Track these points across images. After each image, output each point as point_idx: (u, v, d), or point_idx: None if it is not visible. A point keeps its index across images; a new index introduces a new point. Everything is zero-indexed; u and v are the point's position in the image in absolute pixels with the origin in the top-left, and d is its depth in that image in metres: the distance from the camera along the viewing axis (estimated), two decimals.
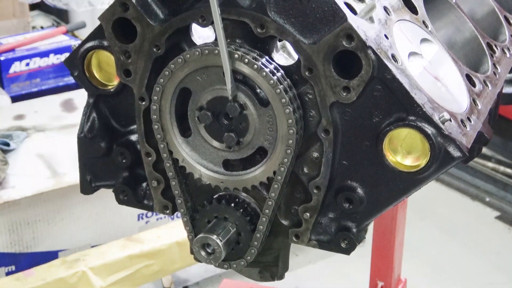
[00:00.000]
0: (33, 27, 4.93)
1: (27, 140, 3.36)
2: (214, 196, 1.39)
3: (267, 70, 1.25)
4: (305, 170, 1.33)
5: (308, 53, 1.23)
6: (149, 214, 3.46)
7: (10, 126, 3.48)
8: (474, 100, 1.42)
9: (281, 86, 1.24)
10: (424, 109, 1.21)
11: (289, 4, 1.23)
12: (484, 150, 4.44)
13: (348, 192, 1.30)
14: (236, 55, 1.25)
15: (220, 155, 1.35)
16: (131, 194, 1.47)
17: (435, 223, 4.24)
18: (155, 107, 1.34)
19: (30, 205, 3.04)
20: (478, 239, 4.11)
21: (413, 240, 3.57)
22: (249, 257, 1.39)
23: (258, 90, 1.28)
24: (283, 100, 1.24)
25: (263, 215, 1.35)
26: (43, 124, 3.51)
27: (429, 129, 1.21)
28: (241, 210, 1.37)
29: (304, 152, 1.32)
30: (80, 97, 3.74)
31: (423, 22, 1.50)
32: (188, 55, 1.28)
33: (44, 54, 4.04)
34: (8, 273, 3.15)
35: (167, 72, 1.30)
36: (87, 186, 1.50)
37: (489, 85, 1.54)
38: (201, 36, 1.37)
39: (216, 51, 1.25)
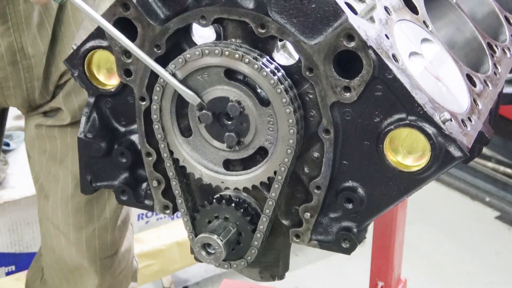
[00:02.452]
0: None
1: None
2: (215, 196, 1.39)
3: (268, 70, 1.25)
4: (306, 170, 1.33)
5: (309, 53, 1.23)
6: (149, 214, 3.46)
7: (10, 126, 3.48)
8: (474, 100, 1.42)
9: (282, 86, 1.24)
10: (425, 109, 1.21)
11: (290, 4, 1.23)
12: (484, 150, 4.44)
13: (349, 192, 1.30)
14: (237, 55, 1.25)
15: (221, 155, 1.35)
16: (132, 194, 1.47)
17: (435, 223, 4.24)
18: (155, 107, 1.34)
19: (30, 205, 3.03)
20: (478, 239, 4.11)
21: (413, 240, 3.57)
22: (249, 257, 1.39)
23: (259, 90, 1.28)
24: (284, 100, 1.25)
25: (264, 215, 1.36)
26: None
27: (430, 129, 1.21)
28: (242, 210, 1.37)
29: (304, 152, 1.32)
30: None
31: (424, 22, 1.50)
32: (189, 55, 1.28)
33: None
34: (8, 273, 3.15)
35: (168, 72, 1.30)
36: (88, 186, 1.50)
37: (490, 85, 1.54)
38: (202, 36, 1.38)
39: (217, 51, 1.25)
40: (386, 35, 1.28)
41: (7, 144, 3.28)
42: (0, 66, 1.88)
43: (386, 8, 1.37)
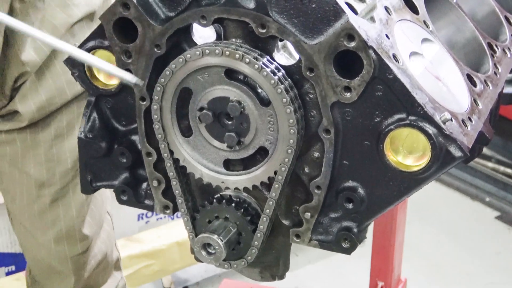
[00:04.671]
0: None
1: None
2: (215, 196, 1.39)
3: (268, 70, 1.25)
4: (306, 170, 1.33)
5: (309, 53, 1.23)
6: (149, 214, 3.47)
7: None
8: (475, 100, 1.42)
9: (282, 86, 1.24)
10: (425, 109, 1.21)
11: (290, 4, 1.23)
12: (484, 150, 4.44)
13: (349, 192, 1.30)
14: (237, 55, 1.25)
15: (221, 155, 1.35)
16: (132, 194, 1.47)
17: (435, 223, 4.24)
18: (156, 107, 1.34)
19: None
20: (478, 239, 4.11)
21: (413, 240, 3.58)
22: (249, 257, 1.39)
23: (259, 90, 1.28)
24: (284, 100, 1.25)
25: (264, 215, 1.35)
26: None
27: (430, 129, 1.21)
28: (242, 210, 1.37)
29: (305, 152, 1.32)
30: None
31: (424, 22, 1.50)
32: (189, 55, 1.28)
33: None
34: (8, 273, 3.15)
35: (168, 72, 1.30)
36: (88, 186, 1.50)
37: (490, 85, 1.54)
38: (202, 36, 1.38)
39: (217, 51, 1.26)
40: (386, 35, 1.28)
41: None
42: None
43: (386, 8, 1.37)
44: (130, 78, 1.32)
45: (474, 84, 1.47)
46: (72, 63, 1.42)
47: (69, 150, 2.01)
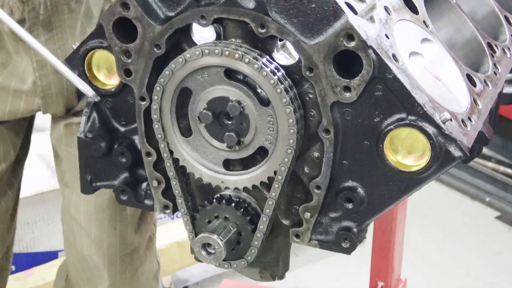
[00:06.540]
0: None
1: None
2: (215, 196, 1.39)
3: (268, 69, 1.25)
4: (306, 169, 1.33)
5: (309, 53, 1.24)
6: None
7: None
8: (474, 100, 1.42)
9: (282, 85, 1.24)
10: (425, 109, 1.21)
11: (290, 4, 1.23)
12: (484, 150, 4.44)
13: (349, 192, 1.30)
14: (237, 55, 1.25)
15: (221, 155, 1.35)
16: (132, 194, 1.47)
17: (435, 223, 4.24)
18: (155, 106, 1.34)
19: (30, 205, 3.03)
20: (478, 239, 4.11)
21: (413, 240, 3.58)
22: (249, 257, 1.39)
23: (259, 90, 1.28)
24: (284, 100, 1.25)
25: (264, 215, 1.36)
26: (43, 124, 3.51)
27: (430, 129, 1.21)
28: (242, 209, 1.37)
29: (304, 151, 1.32)
30: None
31: (424, 22, 1.50)
32: (189, 55, 1.28)
33: None
34: None
35: (168, 72, 1.30)
36: (88, 186, 1.50)
37: (490, 85, 1.54)
38: (202, 36, 1.38)
39: (217, 51, 1.26)
40: (386, 35, 1.28)
41: None
42: (44, 74, 1.92)
43: (386, 8, 1.37)
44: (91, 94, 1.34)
45: (474, 84, 1.47)
46: (71, 63, 1.43)
47: None
